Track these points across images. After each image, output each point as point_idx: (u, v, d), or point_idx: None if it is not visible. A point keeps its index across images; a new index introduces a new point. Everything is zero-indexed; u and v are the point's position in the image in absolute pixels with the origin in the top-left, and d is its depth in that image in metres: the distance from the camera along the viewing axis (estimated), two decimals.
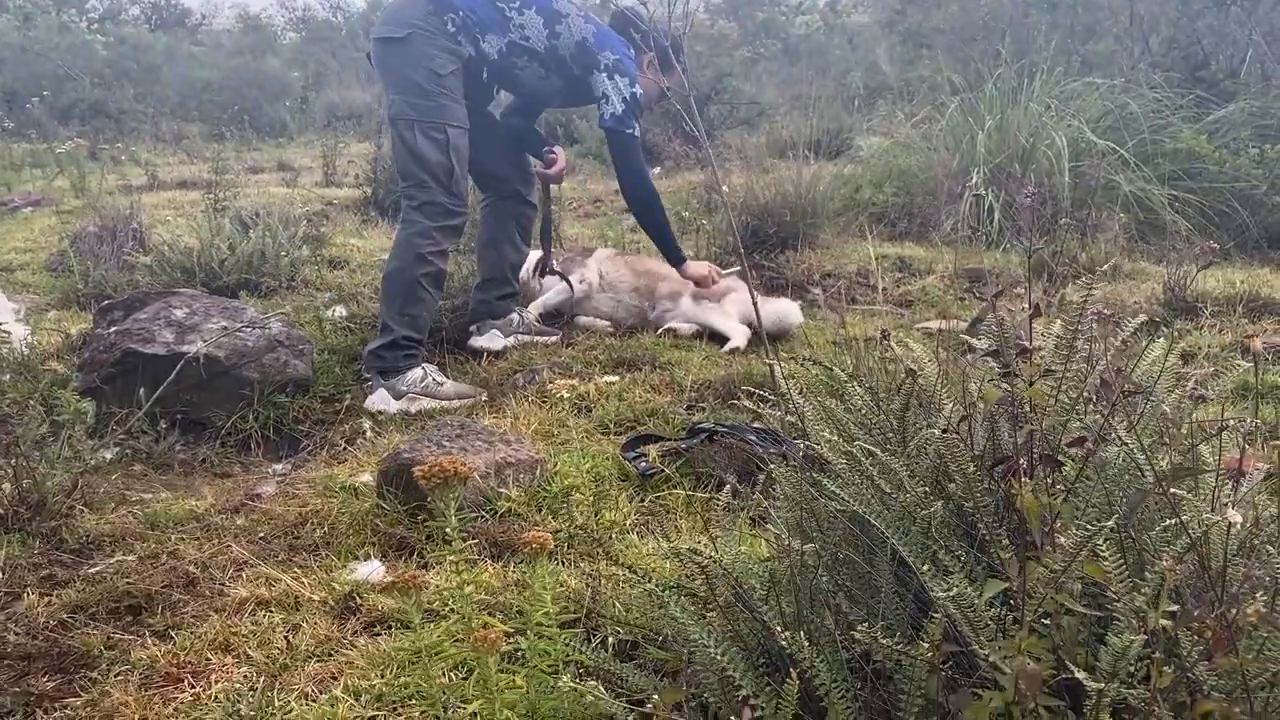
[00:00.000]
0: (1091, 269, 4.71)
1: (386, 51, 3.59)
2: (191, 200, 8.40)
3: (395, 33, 3.54)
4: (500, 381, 3.70)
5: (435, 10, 3.55)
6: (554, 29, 3.71)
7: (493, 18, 3.63)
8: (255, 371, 3.54)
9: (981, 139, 5.93)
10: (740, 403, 3.29)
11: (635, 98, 3.83)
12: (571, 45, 3.75)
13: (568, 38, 3.74)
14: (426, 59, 3.52)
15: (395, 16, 3.58)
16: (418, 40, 3.52)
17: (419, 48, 3.52)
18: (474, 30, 3.60)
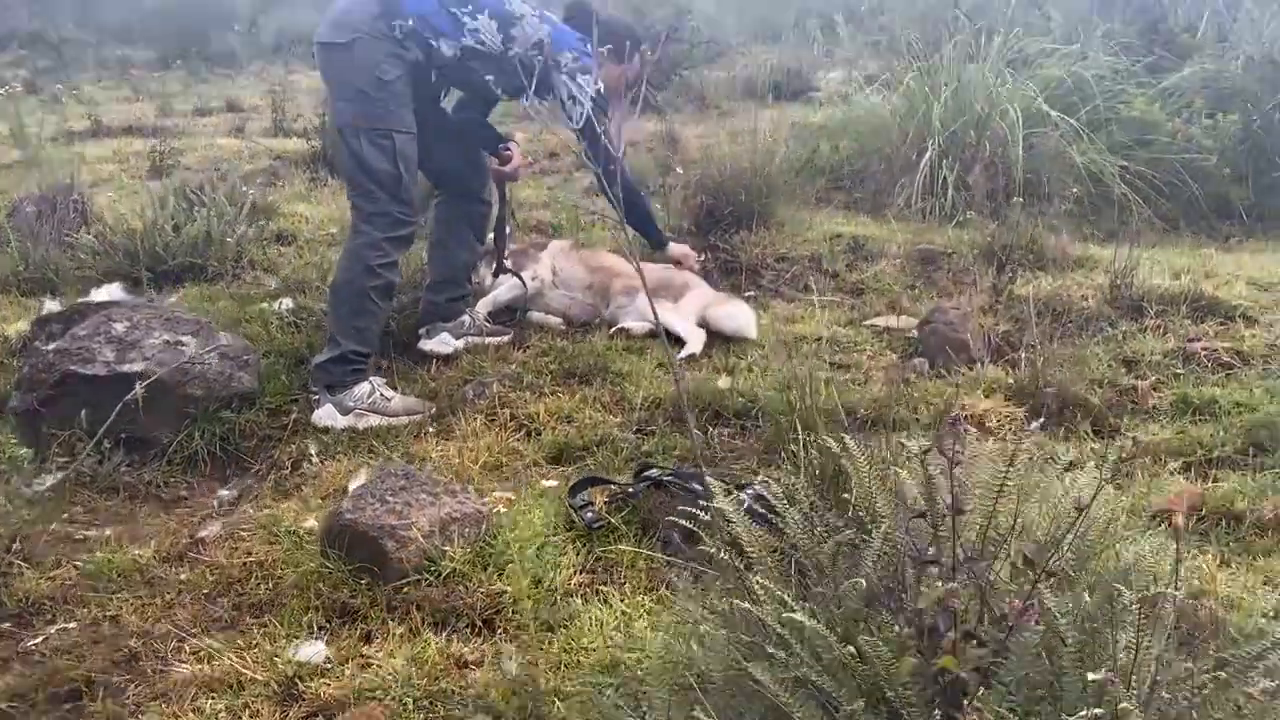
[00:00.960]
0: (1041, 254, 4.74)
1: (330, 57, 3.50)
2: (137, 151, 8.16)
3: (339, 38, 3.44)
4: (450, 393, 3.68)
5: (382, 15, 3.44)
6: (509, 32, 3.61)
7: (445, 23, 3.53)
8: (199, 388, 3.50)
9: (937, 110, 5.87)
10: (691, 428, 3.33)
11: (601, 94, 3.77)
12: (527, 48, 3.66)
13: (523, 40, 3.64)
14: (372, 65, 3.42)
15: (340, 21, 3.47)
16: (362, 46, 3.42)
17: (363, 53, 3.42)
18: (425, 35, 3.50)
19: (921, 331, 3.99)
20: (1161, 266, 4.56)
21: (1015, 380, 3.54)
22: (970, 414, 3.36)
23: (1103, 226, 5.65)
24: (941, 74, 6.19)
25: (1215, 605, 2.28)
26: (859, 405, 3.41)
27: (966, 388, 3.56)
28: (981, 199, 5.58)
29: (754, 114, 9.12)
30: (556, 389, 3.66)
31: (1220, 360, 3.67)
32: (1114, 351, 3.79)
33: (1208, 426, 3.26)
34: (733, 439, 3.26)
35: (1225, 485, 2.90)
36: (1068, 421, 3.34)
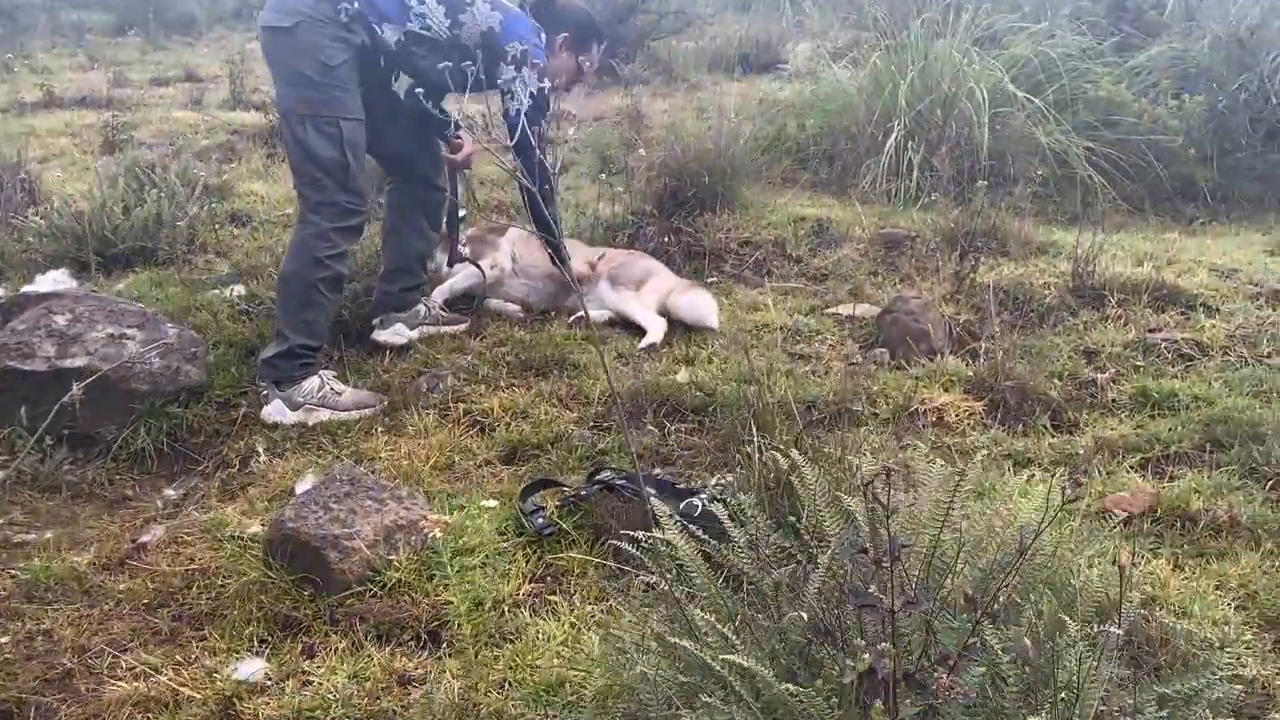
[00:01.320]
0: (1004, 240, 4.71)
1: (273, 41, 3.39)
2: (89, 124, 7.96)
3: (282, 21, 3.33)
4: (403, 385, 3.61)
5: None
6: (457, 18, 3.52)
7: (391, 8, 3.42)
8: (144, 383, 3.41)
9: (904, 90, 5.81)
10: (647, 424, 3.29)
11: (543, 92, 3.67)
12: (476, 35, 3.56)
13: (472, 27, 3.55)
14: (316, 49, 3.32)
15: (282, 3, 3.36)
16: (306, 29, 3.31)
17: (307, 37, 3.31)
18: (370, 19, 3.39)
19: (882, 321, 3.95)
20: (1125, 253, 4.54)
21: (975, 373, 3.52)
22: (929, 408, 3.33)
23: (1067, 209, 5.62)
24: (909, 52, 6.12)
25: (1166, 614, 2.26)
26: (818, 399, 3.38)
27: (926, 380, 3.53)
28: (947, 181, 5.53)
29: (719, 91, 9.07)
30: (513, 382, 3.60)
31: (1180, 352, 3.65)
32: (1075, 342, 3.76)
33: (1166, 421, 3.25)
34: (690, 435, 3.21)
35: (1181, 483, 2.89)
36: (1026, 416, 3.32)
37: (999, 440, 3.17)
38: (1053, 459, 3.08)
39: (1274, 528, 2.62)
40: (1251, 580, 2.42)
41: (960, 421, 3.29)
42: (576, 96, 9.21)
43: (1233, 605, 2.34)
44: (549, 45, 3.80)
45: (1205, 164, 5.84)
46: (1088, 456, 3.07)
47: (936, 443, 3.16)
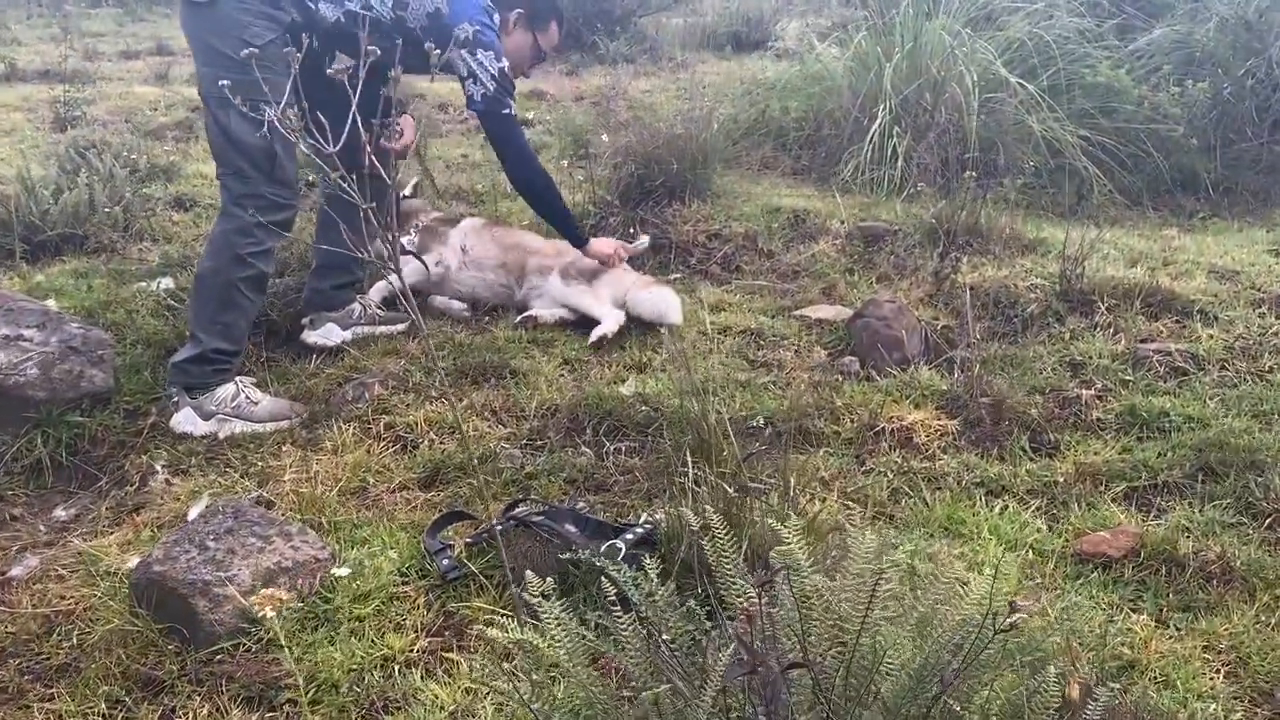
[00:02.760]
0: (989, 237, 4.40)
1: (192, 17, 3.08)
2: (48, 100, 7.60)
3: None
4: (326, 393, 3.32)
5: None
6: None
7: None
8: (42, 389, 3.12)
9: (889, 73, 5.49)
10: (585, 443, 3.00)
11: (504, 73, 3.37)
12: (422, 17, 3.27)
13: (417, 8, 3.25)
14: (238, 27, 3.01)
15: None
16: (227, 5, 3.01)
17: (228, 13, 3.01)
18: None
19: (853, 326, 3.65)
20: (1118, 253, 4.24)
21: (950, 387, 3.23)
22: (897, 427, 3.04)
23: (1061, 201, 5.32)
24: (897, 32, 5.79)
25: (1145, 683, 1.98)
26: (775, 414, 3.10)
27: (896, 395, 3.24)
28: (933, 170, 5.23)
29: (704, 70, 8.73)
30: (446, 390, 3.30)
31: (1174, 365, 3.35)
32: (1059, 353, 3.46)
33: (1155, 445, 2.96)
34: (631, 456, 2.92)
35: (1169, 519, 2.60)
36: (1003, 437, 3.03)
37: (970, 465, 2.88)
38: (1029, 487, 2.79)
39: (1270, 576, 2.34)
40: (1244, 641, 2.14)
41: (930, 442, 2.99)
42: (556, 76, 8.90)
43: (1222, 671, 2.06)
44: (502, 25, 3.49)
45: (1208, 155, 5.54)
46: (1067, 486, 2.78)
47: (902, 467, 2.87)
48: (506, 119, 3.44)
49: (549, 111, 7.46)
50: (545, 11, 3.71)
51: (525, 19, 3.64)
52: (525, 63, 3.72)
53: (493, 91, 3.36)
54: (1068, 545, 2.51)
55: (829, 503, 2.63)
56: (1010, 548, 2.49)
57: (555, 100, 7.90)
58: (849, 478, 2.80)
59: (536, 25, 3.68)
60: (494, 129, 3.46)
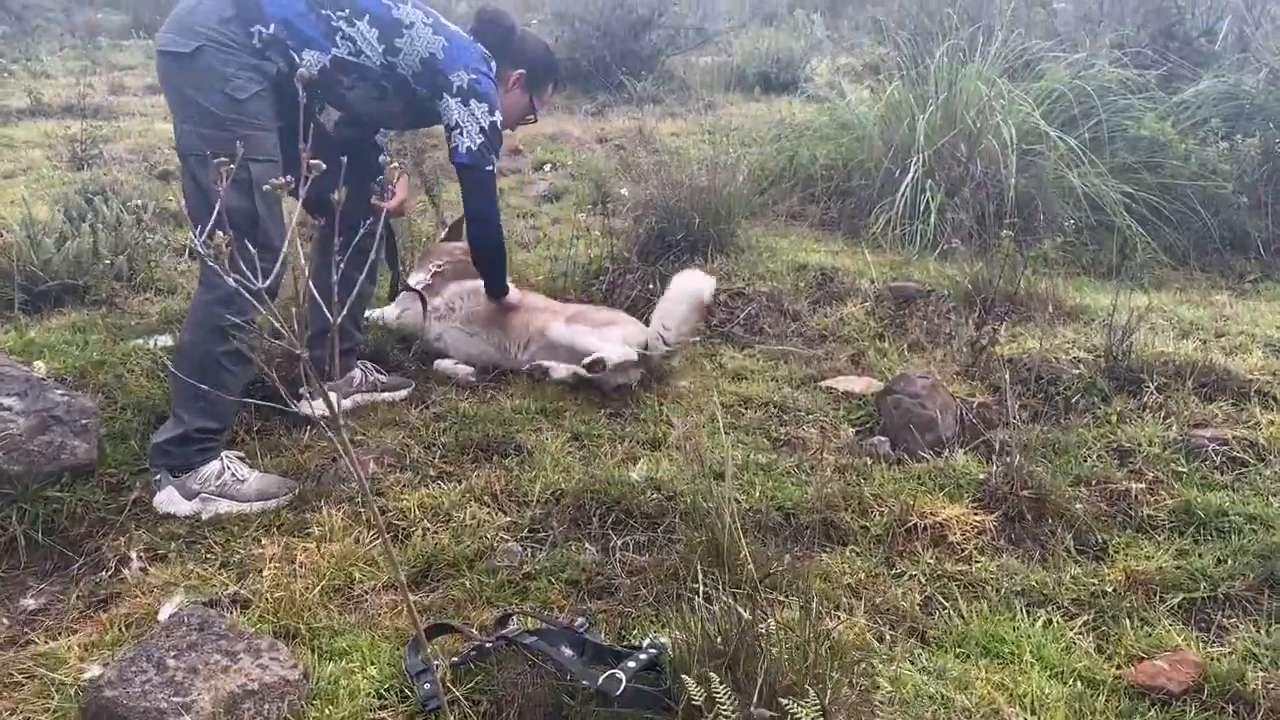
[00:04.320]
0: (1029, 302, 4.16)
1: (171, 69, 2.89)
2: (71, 135, 7.51)
3: (181, 46, 2.83)
4: (319, 468, 3.13)
5: (239, 18, 2.85)
6: (392, 43, 3.04)
7: (315, 30, 2.94)
8: (19, 463, 2.93)
9: (923, 124, 5.27)
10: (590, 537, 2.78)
11: (495, 127, 3.20)
12: (415, 63, 3.09)
13: (410, 54, 3.07)
14: (221, 80, 2.83)
15: (182, 23, 2.86)
16: (210, 56, 2.82)
17: (211, 65, 2.82)
18: (288, 44, 2.91)
19: (883, 402, 3.42)
20: (1167, 323, 3.98)
21: (988, 476, 2.98)
22: (931, 523, 2.80)
23: (1103, 260, 5.06)
24: (932, 80, 5.58)
25: None
26: (800, 505, 2.87)
27: (929, 484, 3.00)
28: (968, 226, 5.00)
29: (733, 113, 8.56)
30: (445, 468, 3.10)
31: (1231, 455, 3.09)
32: (1106, 438, 3.21)
33: (1213, 549, 2.70)
34: (640, 552, 2.69)
35: (1233, 642, 2.35)
36: (1046, 535, 2.79)
37: (1010, 570, 2.63)
38: (1075, 597, 2.54)
39: None
40: None
41: (966, 541, 2.75)
42: (580, 117, 8.76)
43: None
44: (501, 80, 3.32)
45: (1259, 213, 5.27)
46: (1117, 597, 2.53)
47: (935, 571, 2.63)
48: (487, 176, 3.29)
49: (572, 155, 7.30)
50: (544, 73, 3.57)
51: (525, 79, 3.48)
52: (515, 121, 3.57)
53: (478, 146, 3.19)
54: (1120, 672, 2.26)
55: (855, 616, 2.40)
56: (1056, 675, 2.24)
57: (579, 143, 7.75)
58: (878, 584, 2.56)
59: (534, 86, 3.53)
60: (470, 182, 3.30)
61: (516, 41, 3.40)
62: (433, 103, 3.18)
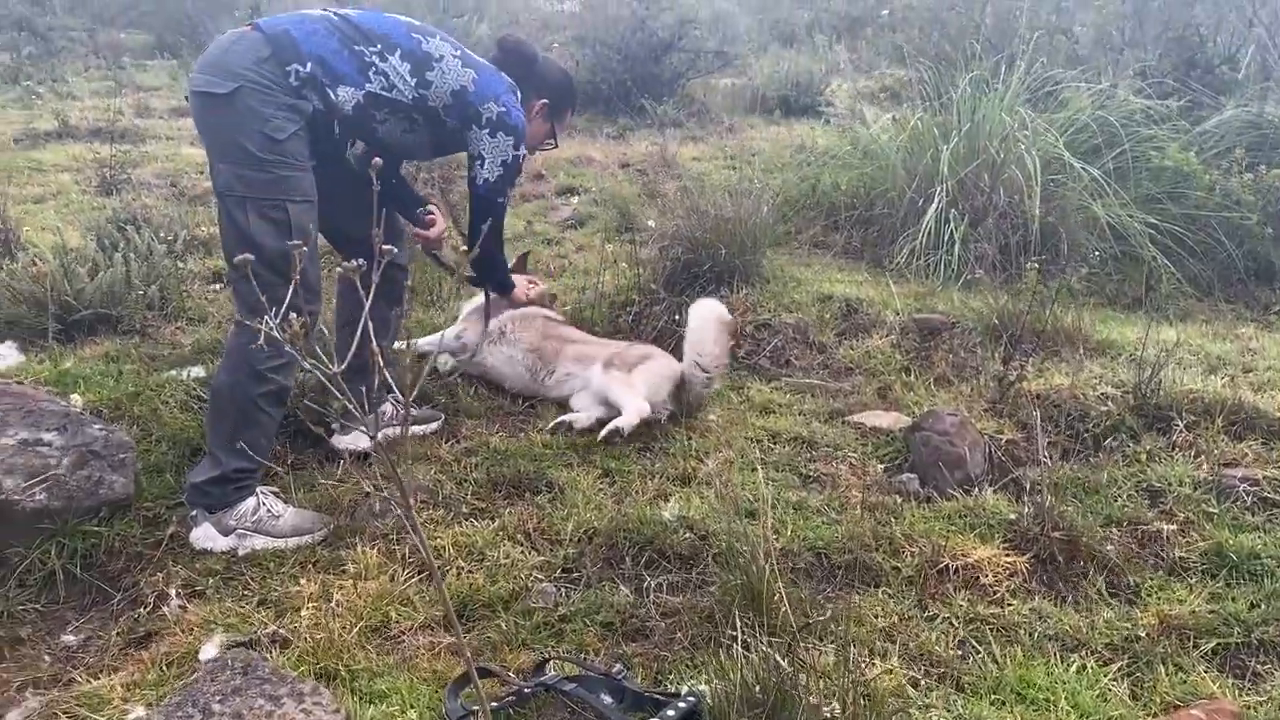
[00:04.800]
0: (1055, 336, 4.16)
1: (207, 110, 2.91)
2: (98, 158, 7.58)
3: (218, 87, 2.86)
4: (352, 504, 3.16)
5: (275, 58, 2.88)
6: (424, 76, 3.08)
7: (348, 67, 2.98)
8: (58, 498, 2.98)
9: (946, 155, 5.29)
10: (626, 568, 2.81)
11: (516, 160, 3.24)
12: (446, 95, 3.13)
13: (441, 86, 3.11)
14: (259, 120, 2.86)
15: (218, 64, 2.89)
16: (248, 96, 2.85)
17: (250, 105, 2.85)
18: (323, 81, 2.95)
19: (912, 439, 3.43)
20: (1194, 359, 3.98)
21: (1018, 516, 2.98)
22: (963, 564, 2.81)
23: (1128, 291, 5.07)
24: (954, 110, 5.60)
25: None
26: (831, 545, 2.88)
27: (960, 523, 3.01)
28: (993, 257, 5.01)
29: (753, 136, 8.58)
30: (477, 505, 3.13)
31: (1263, 495, 3.10)
32: (1136, 478, 3.21)
33: (1247, 592, 2.70)
34: (674, 593, 2.71)
35: (1270, 689, 2.35)
36: (1077, 577, 2.80)
37: (1043, 613, 2.64)
38: (1108, 641, 2.55)
39: None
40: None
41: (998, 583, 2.76)
42: (602, 141, 8.81)
43: None
44: (525, 109, 3.36)
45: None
46: (1150, 642, 2.53)
47: (968, 614, 2.64)
48: (499, 206, 3.38)
49: (595, 180, 7.35)
50: (565, 101, 3.63)
51: (547, 109, 3.52)
52: (536, 147, 3.63)
53: (495, 179, 3.24)
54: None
55: (890, 661, 2.41)
56: None
57: (602, 167, 7.79)
58: (911, 627, 2.57)
59: (555, 114, 3.57)
60: (483, 210, 3.35)
61: (539, 71, 3.44)
62: (461, 133, 3.21)
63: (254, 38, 2.89)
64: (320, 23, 2.97)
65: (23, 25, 13.83)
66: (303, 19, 2.98)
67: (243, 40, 2.90)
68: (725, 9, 16.97)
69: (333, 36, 2.95)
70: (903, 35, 8.37)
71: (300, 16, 3.00)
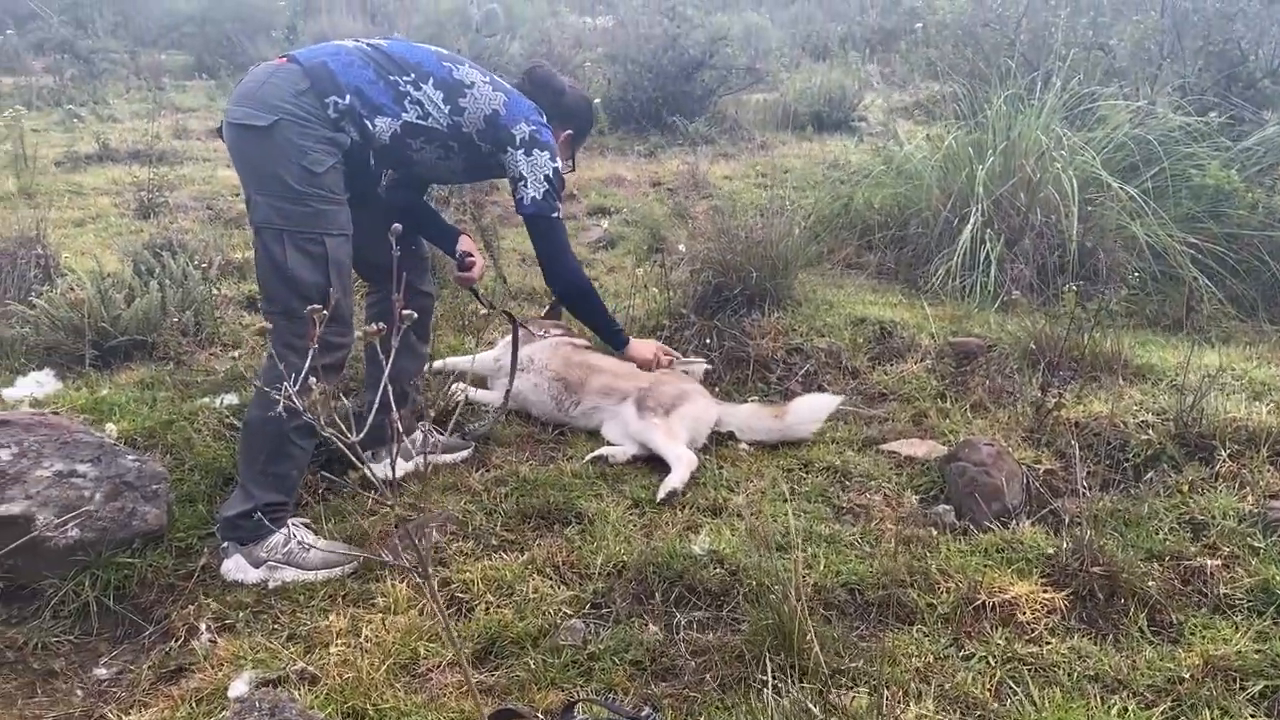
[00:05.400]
0: (1095, 361, 4.09)
1: (245, 142, 2.92)
2: (137, 183, 7.66)
3: (257, 119, 2.87)
4: (382, 535, 3.15)
5: (313, 90, 2.89)
6: (457, 103, 3.08)
7: (385, 97, 2.99)
8: (92, 530, 3.00)
9: (982, 174, 5.23)
10: (656, 603, 2.78)
11: (558, 173, 3.21)
12: (479, 120, 3.12)
13: (474, 112, 3.11)
14: (298, 153, 2.86)
15: (255, 96, 2.90)
16: (287, 129, 2.85)
17: (288, 138, 2.85)
18: (361, 113, 2.96)
19: (947, 469, 3.38)
20: (1237, 385, 3.89)
21: (1056, 550, 2.92)
22: (1000, 601, 2.75)
23: (1168, 313, 4.98)
24: (989, 129, 5.54)
25: None
26: (865, 580, 2.84)
27: (997, 557, 2.95)
28: (1029, 278, 4.94)
29: (785, 153, 8.56)
30: (506, 536, 3.11)
31: None
32: (1178, 510, 3.14)
33: None
34: (704, 630, 2.68)
35: None
36: (1118, 614, 2.73)
37: (1083, 653, 2.58)
38: (1150, 683, 2.48)
39: None
40: None
41: (1036, 621, 2.70)
42: (633, 159, 8.81)
43: None
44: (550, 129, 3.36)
45: None
46: (1195, 684, 2.46)
47: (1005, 653, 2.58)
48: (554, 223, 3.26)
49: (626, 200, 7.34)
50: (586, 128, 3.61)
51: (571, 139, 3.50)
52: None
53: (542, 195, 3.18)
54: None
55: (925, 704, 2.36)
56: None
57: (633, 186, 7.79)
58: (947, 667, 2.51)
59: (576, 142, 3.55)
60: (538, 231, 3.27)
61: (566, 104, 3.42)
62: (495, 157, 3.20)
63: (291, 70, 2.90)
64: (356, 54, 2.98)
65: (66, 48, 14.07)
66: (338, 50, 2.99)
67: (280, 73, 2.91)
68: (757, 23, 16.96)
69: (368, 67, 2.96)
70: (936, 51, 8.28)
71: (336, 48, 3.01)
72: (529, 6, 18.31)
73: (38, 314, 4.52)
